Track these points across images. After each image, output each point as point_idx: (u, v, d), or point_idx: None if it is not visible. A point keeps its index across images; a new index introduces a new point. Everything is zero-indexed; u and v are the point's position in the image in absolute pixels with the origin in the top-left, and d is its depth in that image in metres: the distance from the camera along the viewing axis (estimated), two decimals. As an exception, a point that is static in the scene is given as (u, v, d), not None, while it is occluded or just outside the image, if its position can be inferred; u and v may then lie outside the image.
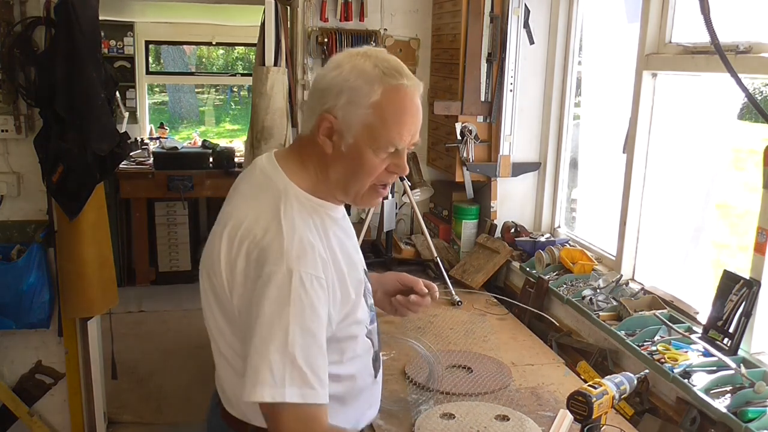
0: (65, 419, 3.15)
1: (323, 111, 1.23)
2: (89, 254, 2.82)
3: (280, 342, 1.14)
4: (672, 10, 2.22)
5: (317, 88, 1.26)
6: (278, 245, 1.17)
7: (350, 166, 1.26)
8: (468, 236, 3.07)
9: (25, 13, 2.78)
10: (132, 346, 4.10)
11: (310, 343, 1.16)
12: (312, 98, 1.27)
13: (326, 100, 1.23)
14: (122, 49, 5.76)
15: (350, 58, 1.24)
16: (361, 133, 1.22)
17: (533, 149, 3.07)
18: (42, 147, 2.73)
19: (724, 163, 2.25)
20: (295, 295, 1.15)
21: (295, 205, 1.24)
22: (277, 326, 1.14)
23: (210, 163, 5.36)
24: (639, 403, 1.88)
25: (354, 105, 1.21)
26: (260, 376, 1.13)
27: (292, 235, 1.19)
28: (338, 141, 1.24)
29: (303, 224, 1.22)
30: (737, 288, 1.84)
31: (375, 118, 1.21)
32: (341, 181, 1.28)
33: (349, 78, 1.21)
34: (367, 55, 1.24)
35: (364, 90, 1.20)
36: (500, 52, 2.88)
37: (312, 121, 1.26)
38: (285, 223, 1.20)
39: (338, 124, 1.22)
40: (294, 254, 1.17)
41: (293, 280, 1.15)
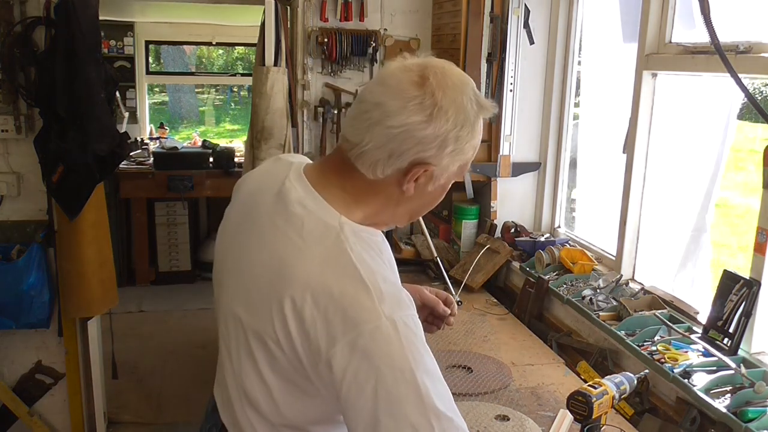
0: (65, 419, 3.15)
1: (418, 160, 1.08)
2: (89, 254, 2.82)
3: (415, 399, 0.97)
4: (672, 10, 2.22)
5: (413, 135, 1.06)
6: (366, 297, 1.01)
7: (429, 200, 1.18)
8: (468, 236, 3.07)
9: (25, 13, 2.78)
10: (132, 346, 4.10)
11: (440, 386, 1.02)
12: (396, 143, 1.07)
13: (425, 149, 1.07)
14: (122, 49, 5.75)
15: (448, 96, 1.08)
16: (455, 172, 1.14)
17: (533, 149, 3.07)
18: (42, 147, 2.73)
19: (724, 163, 2.25)
20: (407, 343, 1.00)
21: (357, 241, 1.08)
22: (402, 384, 0.98)
23: (210, 163, 5.36)
24: (639, 403, 1.88)
25: (459, 152, 1.11)
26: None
27: (374, 279, 1.03)
28: (426, 183, 1.12)
29: (375, 261, 1.07)
30: (737, 288, 1.84)
31: (472, 155, 1.15)
32: (410, 212, 1.19)
33: (456, 126, 1.08)
34: (458, 87, 1.10)
35: (468, 136, 1.11)
36: (500, 52, 2.88)
37: (394, 167, 1.08)
38: (361, 267, 1.03)
39: (437, 171, 1.11)
40: (386, 300, 1.01)
41: (399, 328, 1.00)
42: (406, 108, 1.06)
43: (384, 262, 1.10)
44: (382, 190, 1.12)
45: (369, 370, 0.98)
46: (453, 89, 1.09)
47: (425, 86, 1.08)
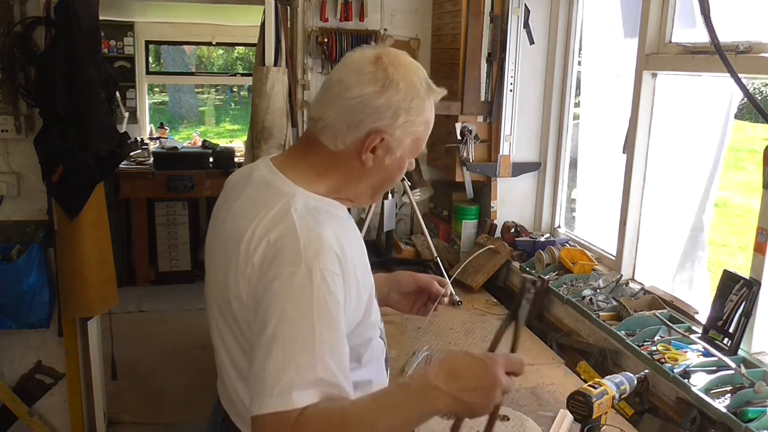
0: (65, 419, 3.15)
1: (375, 129, 1.19)
2: (89, 254, 2.82)
3: (307, 344, 1.06)
4: (672, 10, 2.22)
5: (368, 105, 1.18)
6: (294, 244, 1.12)
7: (388, 174, 1.27)
8: (468, 236, 3.07)
9: (25, 13, 2.78)
10: (132, 346, 4.10)
11: (337, 342, 1.10)
12: (353, 113, 1.19)
13: (380, 119, 1.19)
14: (122, 49, 5.75)
15: (399, 72, 1.20)
16: (409, 146, 1.25)
17: (533, 149, 3.07)
18: (42, 147, 2.73)
19: (722, 163, 2.25)
20: (318, 294, 1.09)
21: (306, 206, 1.19)
22: (300, 328, 1.07)
23: (210, 163, 5.36)
24: (639, 403, 1.88)
25: (411, 123, 1.22)
26: (284, 380, 1.03)
27: (307, 232, 1.13)
28: (383, 155, 1.23)
29: (316, 224, 1.16)
30: (737, 288, 1.84)
31: (423, 131, 1.25)
32: (370, 189, 1.29)
33: (407, 97, 1.20)
34: (403, 65, 1.22)
35: (419, 108, 1.22)
36: (500, 52, 2.88)
37: (352, 137, 1.20)
38: (298, 222, 1.14)
39: (392, 142, 1.22)
40: (312, 252, 1.11)
41: (314, 279, 1.09)
42: (362, 81, 1.19)
43: (326, 226, 1.17)
44: (344, 162, 1.24)
45: (276, 307, 1.08)
46: (404, 67, 1.22)
47: (379, 63, 1.20)
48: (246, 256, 1.14)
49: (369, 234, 3.06)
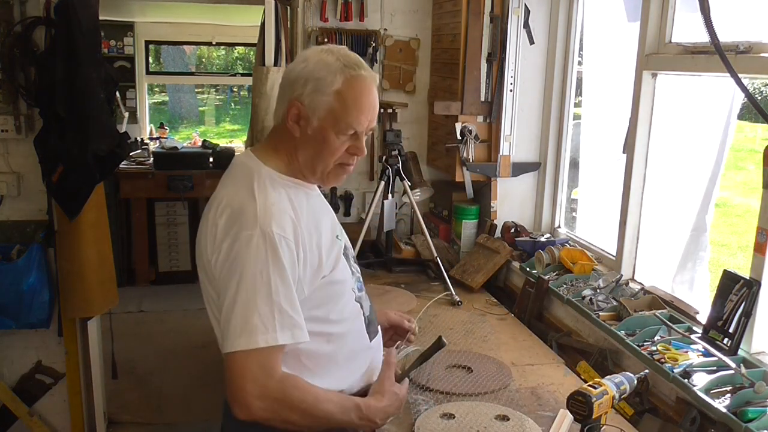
0: (65, 419, 3.15)
1: (291, 99, 1.38)
2: (89, 254, 2.82)
3: (265, 293, 1.28)
4: (672, 10, 2.22)
5: (287, 78, 1.41)
6: (252, 211, 1.32)
7: (316, 147, 1.40)
8: (468, 236, 3.07)
9: (25, 13, 2.78)
10: (132, 346, 4.10)
11: (290, 292, 1.31)
12: (282, 88, 1.42)
13: (294, 89, 1.38)
14: (122, 49, 5.76)
15: (315, 53, 1.40)
16: (325, 118, 1.37)
17: (533, 149, 3.07)
18: (42, 147, 2.73)
19: (724, 163, 2.25)
20: (272, 252, 1.29)
21: (267, 180, 1.38)
22: (259, 281, 1.28)
23: (210, 163, 5.36)
24: (639, 403, 1.88)
25: (319, 92, 1.36)
26: (249, 325, 1.26)
27: (264, 201, 1.33)
28: (305, 125, 1.38)
29: (275, 193, 1.36)
30: (737, 288, 1.84)
31: (337, 103, 1.36)
32: (309, 161, 1.42)
33: (315, 69, 1.36)
34: (330, 51, 1.40)
35: (327, 79, 1.35)
36: (500, 52, 2.88)
37: (281, 110, 1.41)
38: (258, 192, 1.34)
39: (305, 110, 1.37)
40: (267, 217, 1.31)
41: (267, 240, 1.29)
42: (290, 64, 1.45)
43: (285, 198, 1.37)
44: (283, 134, 1.42)
45: (236, 267, 1.29)
46: (323, 51, 1.40)
47: (315, 49, 1.43)
48: (213, 222, 1.35)
49: (369, 234, 3.06)
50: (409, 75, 3.26)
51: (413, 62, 3.24)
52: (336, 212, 3.25)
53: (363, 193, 3.36)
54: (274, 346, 1.28)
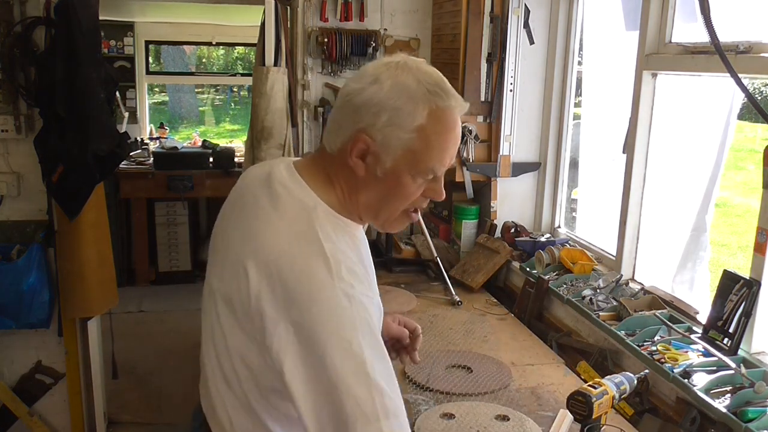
0: (65, 419, 3.15)
1: (357, 130, 1.10)
2: (89, 254, 2.82)
3: (360, 373, 1.00)
4: (672, 10, 2.22)
5: (351, 102, 1.11)
6: (326, 270, 1.04)
7: (385, 191, 1.14)
8: (468, 236, 3.07)
9: (25, 13, 2.78)
10: (132, 346, 4.10)
11: (385, 364, 1.04)
12: (342, 112, 1.13)
13: (362, 119, 1.10)
14: (122, 49, 5.75)
15: (390, 71, 1.10)
16: (402, 158, 1.10)
17: (533, 149, 3.07)
18: (42, 147, 2.73)
19: (724, 163, 2.25)
20: (359, 319, 1.03)
21: (329, 225, 1.11)
22: (349, 357, 1.00)
23: (210, 163, 5.36)
24: (639, 403, 1.88)
25: (396, 127, 1.09)
26: (347, 416, 0.98)
27: (338, 256, 1.06)
28: (373, 164, 1.12)
29: (344, 244, 1.10)
30: (737, 288, 1.84)
31: (418, 142, 1.10)
32: (372, 205, 1.16)
33: (391, 96, 1.08)
34: (407, 68, 1.11)
35: (407, 111, 1.08)
36: (500, 52, 2.88)
37: (341, 139, 1.13)
38: (326, 244, 1.07)
39: (375, 147, 1.10)
40: (346, 277, 1.05)
41: (353, 301, 1.03)
42: (352, 81, 1.13)
43: (347, 248, 1.11)
44: (341, 168, 1.15)
45: (316, 338, 1.01)
46: (404, 70, 1.11)
47: (382, 66, 1.12)
48: (267, 271, 1.06)
49: (369, 234, 3.05)
50: (409, 75, 3.25)
51: (413, 62, 3.24)
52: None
53: (363, 193, 3.35)
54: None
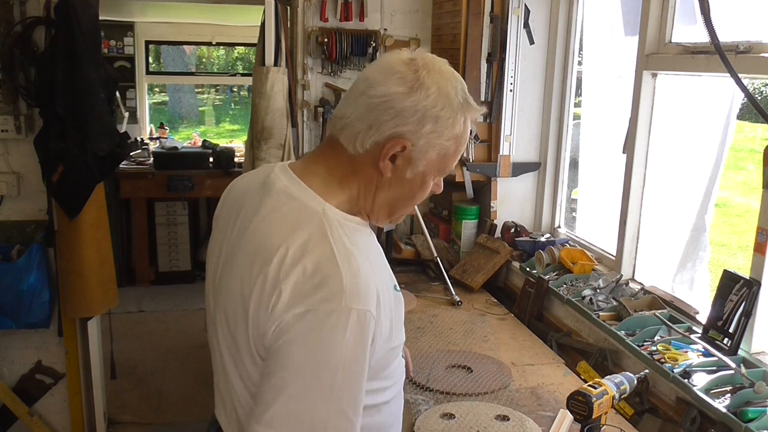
0: (65, 419, 3.15)
1: (397, 134, 1.09)
2: (89, 254, 2.82)
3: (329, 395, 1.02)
4: (672, 10, 2.22)
5: (393, 106, 1.08)
6: (337, 281, 1.02)
7: (408, 191, 1.15)
8: (468, 236, 3.07)
9: (25, 13, 2.78)
10: (132, 346, 4.10)
11: (358, 389, 1.05)
12: (376, 113, 1.09)
13: (403, 123, 1.08)
14: (122, 49, 5.75)
15: (432, 77, 1.10)
16: (434, 162, 1.13)
17: (533, 149, 3.07)
18: (42, 147, 2.73)
19: (724, 163, 2.25)
20: (350, 336, 1.01)
21: (339, 229, 1.09)
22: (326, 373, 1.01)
23: (210, 163, 5.36)
24: (639, 403, 1.88)
25: (437, 135, 1.10)
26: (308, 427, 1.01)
27: (349, 268, 1.04)
28: (403, 166, 1.12)
29: (356, 252, 1.07)
30: (737, 288, 1.84)
31: (452, 147, 1.14)
32: (390, 204, 1.16)
33: (437, 105, 1.09)
34: (440, 72, 1.11)
35: (450, 121, 1.10)
36: (500, 52, 2.88)
37: (373, 140, 1.09)
38: (338, 253, 1.04)
39: (414, 152, 1.10)
40: (354, 290, 1.02)
41: (350, 320, 1.01)
42: (389, 80, 1.09)
43: (362, 252, 1.09)
44: (362, 168, 1.13)
45: (306, 344, 1.01)
46: (439, 74, 1.11)
47: (412, 65, 1.10)
48: (275, 280, 1.03)
49: (369, 234, 3.06)
50: (409, 75, 3.25)
51: (413, 62, 3.24)
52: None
53: (363, 193, 3.35)
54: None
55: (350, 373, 1.02)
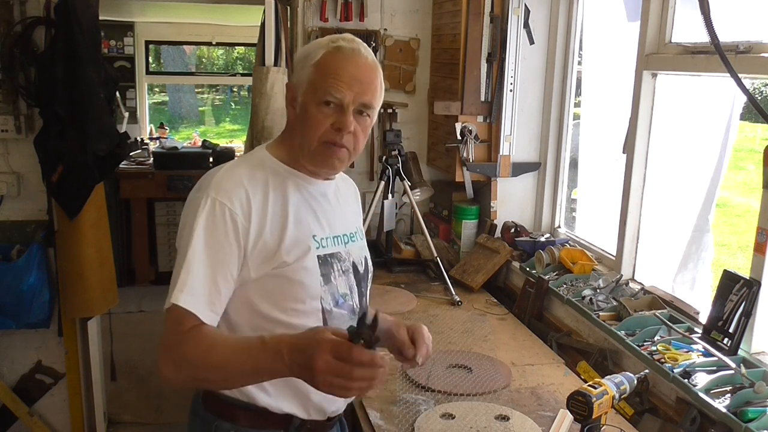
0: (65, 419, 3.15)
1: (289, 83, 1.42)
2: (89, 254, 2.82)
3: (184, 255, 1.28)
4: (672, 10, 2.22)
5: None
6: (210, 178, 1.35)
7: (301, 124, 1.38)
8: (468, 236, 3.07)
9: (25, 13, 2.78)
10: (132, 346, 4.09)
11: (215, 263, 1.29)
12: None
13: (293, 74, 1.42)
14: (122, 49, 5.75)
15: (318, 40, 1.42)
16: (306, 90, 1.36)
17: (533, 149, 3.07)
18: (42, 147, 2.73)
19: (726, 164, 2.25)
20: (204, 215, 1.29)
21: (256, 162, 1.41)
22: (186, 242, 1.29)
23: (210, 163, 5.35)
24: (639, 403, 1.88)
25: (301, 67, 1.37)
26: (171, 285, 1.29)
27: (226, 173, 1.36)
28: (294, 105, 1.39)
29: (247, 171, 1.37)
30: (737, 288, 1.84)
31: (315, 74, 1.35)
32: (299, 143, 1.39)
33: (305, 49, 1.41)
34: (332, 36, 1.41)
35: (311, 54, 1.37)
36: (500, 52, 2.88)
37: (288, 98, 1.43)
38: (229, 166, 1.39)
39: (294, 89, 1.39)
40: (217, 185, 1.32)
41: (208, 204, 1.30)
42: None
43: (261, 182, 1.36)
44: (289, 123, 1.45)
45: (183, 226, 1.34)
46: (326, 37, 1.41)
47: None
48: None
49: (369, 234, 3.06)
50: (409, 75, 3.26)
51: (413, 62, 3.24)
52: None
53: (363, 193, 3.32)
54: (180, 306, 1.26)
55: (196, 241, 1.28)
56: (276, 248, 1.34)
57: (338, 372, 1.10)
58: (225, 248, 1.30)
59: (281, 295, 1.36)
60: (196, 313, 1.26)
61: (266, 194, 1.35)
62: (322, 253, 1.41)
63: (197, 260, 1.28)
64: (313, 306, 1.39)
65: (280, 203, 1.37)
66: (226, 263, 1.30)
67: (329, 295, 1.42)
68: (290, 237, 1.35)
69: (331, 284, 1.42)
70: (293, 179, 1.41)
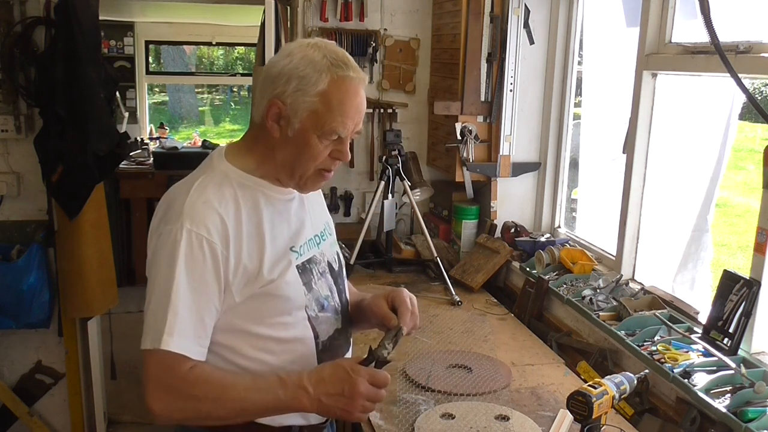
0: (65, 419, 3.15)
1: (272, 97, 1.29)
2: (89, 254, 2.82)
3: (167, 294, 1.23)
4: (672, 10, 2.22)
5: (268, 74, 1.31)
6: (180, 205, 1.27)
7: (296, 150, 1.32)
8: (468, 236, 3.07)
9: (25, 13, 2.78)
10: (132, 346, 4.05)
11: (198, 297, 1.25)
12: (263, 84, 1.33)
13: (276, 87, 1.29)
14: (122, 49, 5.76)
15: (301, 48, 1.30)
16: (307, 120, 1.29)
17: (533, 149, 3.07)
18: (42, 147, 2.73)
19: (725, 164, 2.25)
20: (183, 251, 1.24)
21: (220, 177, 1.33)
22: (166, 280, 1.23)
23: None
24: (639, 403, 1.88)
25: (302, 92, 1.27)
26: (148, 325, 1.24)
27: (196, 198, 1.28)
28: (285, 126, 1.30)
29: (216, 192, 1.30)
30: (737, 288, 1.84)
31: (321, 105, 1.28)
32: (287, 164, 1.34)
33: (299, 66, 1.28)
34: (317, 46, 1.30)
35: (312, 78, 1.27)
36: (500, 52, 2.88)
37: (262, 107, 1.32)
38: (195, 188, 1.30)
39: (286, 110, 1.29)
40: (190, 213, 1.26)
41: (184, 237, 1.24)
42: (279, 58, 1.33)
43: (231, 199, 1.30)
44: (261, 134, 1.34)
45: (155, 263, 1.28)
46: (309, 47, 1.30)
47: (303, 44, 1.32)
48: (155, 216, 1.33)
49: (369, 234, 3.06)
50: (409, 75, 3.26)
51: (413, 62, 3.24)
52: (336, 212, 3.26)
53: (363, 193, 3.36)
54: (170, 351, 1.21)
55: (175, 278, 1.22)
56: (257, 270, 1.30)
57: (374, 397, 1.24)
58: (208, 283, 1.26)
59: (266, 312, 1.34)
60: (188, 355, 1.24)
61: (239, 213, 1.30)
62: (300, 262, 1.39)
63: (182, 301, 1.23)
64: (299, 316, 1.38)
65: (255, 222, 1.32)
66: (210, 298, 1.27)
67: (314, 301, 1.41)
68: (269, 256, 1.32)
69: (314, 290, 1.41)
70: (262, 191, 1.36)
